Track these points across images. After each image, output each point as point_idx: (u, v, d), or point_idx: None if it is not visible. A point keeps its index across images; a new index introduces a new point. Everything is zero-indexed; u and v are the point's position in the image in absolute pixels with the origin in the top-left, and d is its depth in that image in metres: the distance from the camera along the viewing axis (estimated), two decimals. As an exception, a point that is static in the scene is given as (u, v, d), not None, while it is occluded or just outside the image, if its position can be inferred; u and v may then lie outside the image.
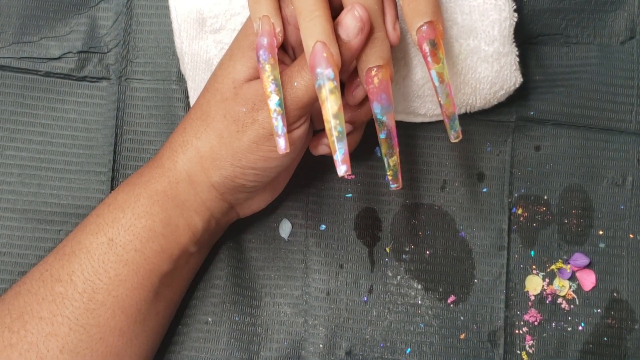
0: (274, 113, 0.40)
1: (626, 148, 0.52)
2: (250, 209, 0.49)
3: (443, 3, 0.47)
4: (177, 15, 0.49)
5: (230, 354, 0.50)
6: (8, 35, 0.52)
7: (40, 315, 0.42)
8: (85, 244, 0.44)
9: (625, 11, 0.53)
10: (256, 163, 0.43)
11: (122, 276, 0.43)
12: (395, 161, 0.42)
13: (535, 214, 0.51)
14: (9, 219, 0.51)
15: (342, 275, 0.51)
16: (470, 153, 0.52)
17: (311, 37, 0.39)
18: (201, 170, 0.44)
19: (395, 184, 0.42)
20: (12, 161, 0.51)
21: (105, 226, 0.44)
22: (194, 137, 0.44)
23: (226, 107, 0.43)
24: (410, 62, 0.48)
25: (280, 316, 0.51)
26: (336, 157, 0.39)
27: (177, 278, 0.46)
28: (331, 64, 0.39)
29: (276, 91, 0.40)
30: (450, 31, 0.48)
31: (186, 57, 0.49)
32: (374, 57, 0.41)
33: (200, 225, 0.45)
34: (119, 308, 0.43)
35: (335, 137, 0.39)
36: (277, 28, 0.41)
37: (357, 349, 0.51)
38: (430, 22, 0.40)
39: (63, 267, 0.43)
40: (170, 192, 0.44)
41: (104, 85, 0.52)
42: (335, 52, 0.39)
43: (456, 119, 0.42)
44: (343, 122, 0.39)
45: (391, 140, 0.42)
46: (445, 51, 0.48)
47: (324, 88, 0.39)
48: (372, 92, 0.41)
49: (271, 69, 0.40)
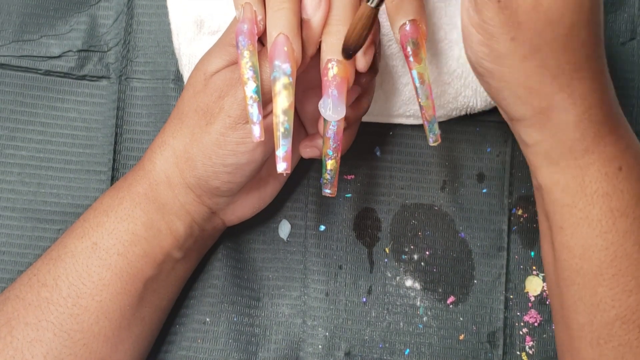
0: (250, 100, 0.39)
1: (626, 149, 0.52)
2: (235, 216, 0.48)
3: (443, 7, 0.47)
4: (175, 16, 0.49)
5: (228, 354, 0.50)
6: (8, 33, 0.52)
7: (26, 320, 0.42)
8: (70, 248, 0.44)
9: (625, 12, 0.53)
10: (225, 159, 0.42)
11: (105, 280, 0.43)
12: (334, 166, 0.41)
13: (535, 214, 0.51)
14: (9, 218, 0.51)
15: (341, 276, 0.51)
16: (470, 154, 0.52)
17: (275, 28, 0.38)
18: (177, 171, 0.43)
19: (328, 190, 0.42)
20: (11, 160, 0.51)
21: (90, 230, 0.44)
22: (170, 137, 0.43)
23: (197, 101, 0.42)
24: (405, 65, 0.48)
25: (278, 317, 0.51)
26: (278, 153, 0.38)
27: (163, 284, 0.46)
28: (290, 59, 0.38)
29: (253, 78, 0.39)
30: (450, 35, 0.48)
31: (184, 58, 0.49)
32: (334, 49, 0.39)
33: (182, 229, 0.45)
34: (103, 313, 0.43)
35: (280, 132, 0.38)
36: (258, 16, 0.39)
37: (356, 349, 0.50)
38: (413, 20, 0.40)
39: (49, 272, 0.43)
40: (150, 195, 0.44)
41: (104, 84, 0.52)
42: (297, 47, 0.38)
43: (435, 122, 0.41)
44: (292, 120, 0.38)
45: (334, 143, 0.41)
46: (446, 55, 0.48)
47: (278, 81, 0.38)
48: (324, 85, 0.40)
49: (249, 55, 0.39)
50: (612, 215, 0.38)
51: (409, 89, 0.49)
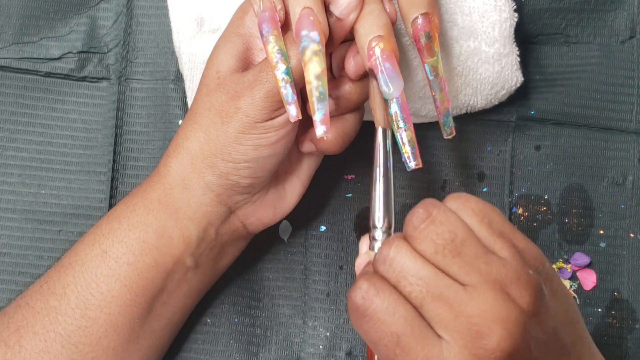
0: (282, 82, 0.38)
1: (626, 147, 0.52)
2: (255, 217, 0.46)
3: (443, 4, 0.47)
4: (175, 15, 0.49)
5: (229, 355, 0.50)
6: (8, 35, 0.52)
7: (34, 330, 0.42)
8: (81, 255, 0.43)
9: (625, 11, 0.53)
10: (247, 154, 0.41)
11: (114, 292, 0.42)
12: (411, 136, 0.40)
13: (535, 213, 0.51)
14: (9, 220, 0.51)
15: (341, 276, 0.51)
16: (470, 153, 0.52)
17: (298, 4, 0.38)
18: (193, 171, 0.42)
19: (414, 162, 0.40)
20: (12, 161, 0.51)
21: (101, 237, 0.43)
22: (184, 139, 0.43)
23: (210, 100, 0.42)
24: (410, 63, 0.48)
25: (279, 317, 0.51)
26: (316, 117, 0.38)
27: (174, 296, 0.45)
28: (317, 28, 0.38)
29: (282, 60, 0.38)
30: (450, 32, 0.47)
31: (184, 57, 0.49)
32: (374, 28, 0.39)
33: (195, 234, 0.43)
34: (112, 327, 0.42)
35: (315, 97, 0.38)
36: (277, 5, 0.40)
37: (357, 350, 0.50)
38: (425, 13, 0.40)
39: (59, 280, 0.43)
40: (164, 200, 0.43)
41: (104, 85, 0.52)
42: (322, 19, 0.38)
43: (450, 115, 0.41)
44: (325, 85, 0.38)
45: (403, 114, 0.40)
46: (446, 53, 0.48)
47: (308, 50, 0.38)
48: (374, 65, 0.39)
49: (275, 40, 0.39)
50: None
51: (409, 87, 0.48)
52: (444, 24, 0.47)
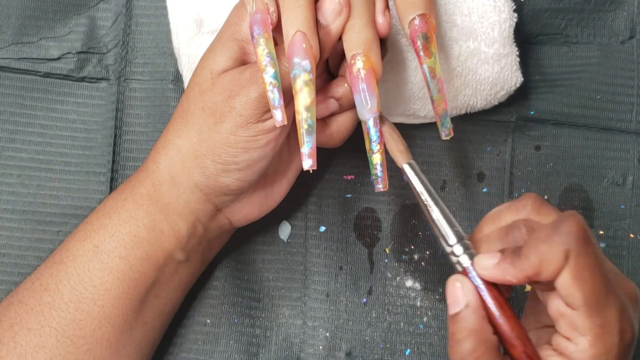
0: (270, 86, 0.39)
1: (626, 148, 0.52)
2: (242, 214, 0.47)
3: (442, 5, 0.47)
4: (174, 16, 0.49)
5: (229, 356, 0.50)
6: (7, 36, 0.52)
7: (28, 326, 0.42)
8: (72, 251, 0.43)
9: (625, 11, 0.53)
10: (237, 156, 0.41)
11: (107, 285, 0.42)
12: (380, 159, 0.41)
13: (535, 214, 0.51)
14: (8, 220, 0.51)
15: (341, 276, 0.51)
16: (470, 153, 0.52)
17: (292, 26, 0.38)
18: (183, 169, 0.43)
19: (380, 185, 0.41)
20: (11, 162, 0.51)
21: (92, 233, 0.44)
22: (175, 136, 0.43)
23: (204, 100, 0.42)
24: (409, 64, 0.48)
25: (279, 318, 0.51)
26: (303, 150, 0.38)
27: (165, 288, 0.45)
28: (309, 56, 0.38)
29: (271, 64, 0.39)
30: (449, 33, 0.47)
31: (183, 58, 0.49)
32: (354, 45, 0.40)
33: (184, 229, 0.44)
34: (105, 318, 0.43)
35: (304, 129, 0.38)
36: (270, 7, 0.40)
37: (356, 350, 0.50)
38: (422, 14, 0.40)
39: (52, 276, 0.43)
40: (154, 195, 0.43)
41: (103, 85, 0.52)
42: (314, 44, 0.39)
43: (447, 116, 0.41)
44: (314, 116, 0.38)
45: (374, 135, 0.40)
46: (446, 53, 0.48)
47: (299, 79, 0.38)
48: (352, 82, 0.40)
49: (265, 43, 0.39)
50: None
51: (408, 88, 0.48)
52: (443, 25, 0.47)
